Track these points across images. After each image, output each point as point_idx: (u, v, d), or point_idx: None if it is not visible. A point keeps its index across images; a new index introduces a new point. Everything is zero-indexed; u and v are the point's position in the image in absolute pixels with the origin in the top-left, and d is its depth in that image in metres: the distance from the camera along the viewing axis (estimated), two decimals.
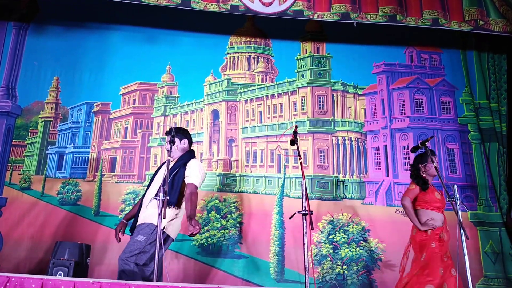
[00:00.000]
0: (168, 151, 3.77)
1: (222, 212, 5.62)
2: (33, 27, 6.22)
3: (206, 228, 5.51)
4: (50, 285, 2.80)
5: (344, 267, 5.42)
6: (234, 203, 5.69)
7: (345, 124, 6.14)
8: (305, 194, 3.60)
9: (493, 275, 5.47)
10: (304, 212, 3.55)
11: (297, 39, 6.47)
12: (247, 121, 6.17)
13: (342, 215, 5.69)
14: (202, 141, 6.03)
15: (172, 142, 3.70)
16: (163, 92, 6.21)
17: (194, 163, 3.85)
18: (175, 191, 3.69)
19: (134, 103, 6.16)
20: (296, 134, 3.92)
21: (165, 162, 3.73)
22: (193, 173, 3.76)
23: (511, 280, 5.39)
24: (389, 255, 5.50)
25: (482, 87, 6.28)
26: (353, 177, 5.94)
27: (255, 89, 6.29)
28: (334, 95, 6.25)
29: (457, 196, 3.84)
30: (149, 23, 6.26)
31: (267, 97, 6.24)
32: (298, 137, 3.94)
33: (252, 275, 5.31)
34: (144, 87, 6.20)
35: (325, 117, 6.15)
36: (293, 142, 3.89)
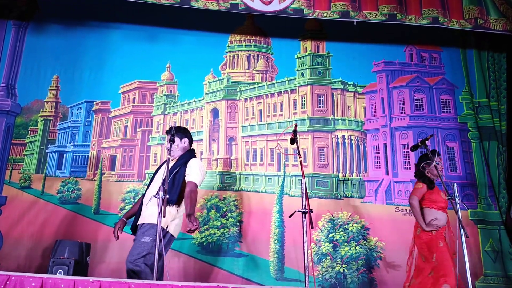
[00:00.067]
0: (168, 150, 3.78)
1: (222, 211, 5.62)
2: (32, 26, 6.21)
3: (206, 227, 5.51)
4: (50, 283, 2.80)
5: (344, 265, 5.42)
6: (234, 201, 5.69)
7: (345, 123, 6.14)
8: (305, 192, 3.60)
9: (493, 274, 5.47)
10: (304, 210, 3.56)
11: (297, 38, 6.47)
12: (247, 119, 6.17)
13: (341, 213, 5.69)
14: (202, 140, 6.03)
15: (172, 141, 3.70)
16: (163, 91, 6.21)
17: (194, 162, 3.88)
18: (175, 189, 3.71)
19: (134, 101, 6.15)
20: (296, 132, 3.93)
21: (165, 161, 3.73)
22: (194, 171, 3.79)
23: (511, 279, 5.40)
24: (389, 253, 5.50)
25: (481, 86, 6.28)
26: (353, 176, 5.94)
27: (255, 87, 6.28)
28: (334, 93, 6.25)
29: (457, 195, 3.83)
30: (149, 21, 6.25)
31: (267, 95, 6.24)
32: (298, 135, 3.95)
33: (252, 274, 5.31)
34: (144, 85, 6.20)
35: (325, 115, 6.15)
36: (293, 140, 3.90)
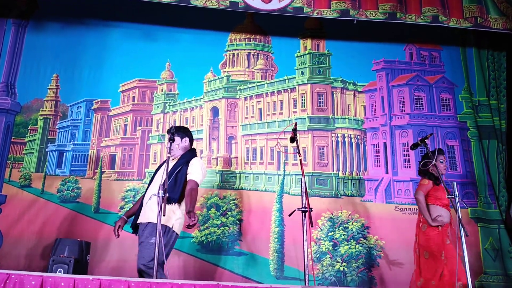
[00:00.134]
0: (168, 149, 3.83)
1: (221, 209, 5.62)
2: (32, 24, 6.21)
3: (206, 225, 5.51)
4: (50, 282, 2.80)
5: (344, 264, 5.43)
6: (233, 200, 5.69)
7: (344, 122, 6.14)
8: (304, 191, 3.61)
9: (493, 272, 5.48)
10: (303, 209, 3.56)
11: (296, 36, 6.46)
12: (246, 118, 6.17)
13: (341, 212, 5.70)
14: (202, 138, 6.03)
15: (171, 140, 3.73)
16: (162, 89, 6.20)
17: (196, 161, 3.94)
18: (178, 188, 3.76)
19: (133, 100, 6.15)
20: (296, 131, 3.93)
21: (166, 160, 3.76)
22: (195, 170, 3.85)
23: (510, 277, 5.40)
24: (389, 252, 5.50)
25: (481, 85, 6.28)
26: (352, 174, 5.94)
27: (254, 86, 6.28)
28: (334, 92, 6.25)
29: (457, 193, 3.84)
30: (148, 20, 6.25)
31: (266, 94, 6.24)
32: (297, 134, 3.96)
33: (252, 272, 5.32)
34: (144, 84, 6.20)
35: (325, 114, 6.15)
36: (293, 139, 3.90)
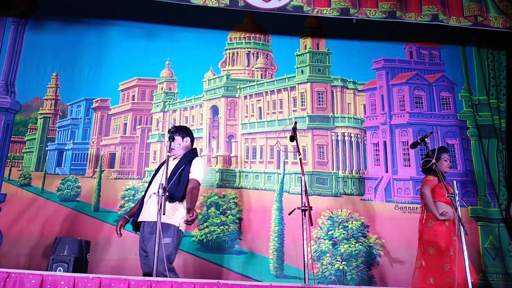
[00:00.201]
0: (170, 148, 3.91)
1: (221, 208, 5.62)
2: (32, 23, 6.20)
3: (205, 224, 5.51)
4: (50, 280, 2.80)
5: (344, 263, 5.43)
6: (233, 199, 5.69)
7: (344, 120, 6.13)
8: (304, 190, 3.60)
9: (493, 271, 5.48)
10: (303, 208, 3.56)
11: (296, 35, 6.45)
12: (246, 117, 6.16)
13: (341, 211, 5.69)
14: (202, 137, 6.02)
15: (171, 139, 3.77)
16: (162, 88, 6.20)
17: (199, 161, 4.02)
18: (181, 186, 3.83)
19: (133, 99, 6.15)
20: (296, 130, 3.93)
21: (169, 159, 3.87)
22: (198, 169, 3.93)
23: (510, 276, 5.40)
24: (388, 251, 5.50)
25: (481, 83, 6.28)
26: (352, 173, 5.94)
27: (254, 85, 6.28)
28: (334, 91, 6.24)
29: (457, 192, 3.84)
30: (148, 18, 6.24)
31: (266, 93, 6.23)
32: (297, 133, 3.96)
33: (251, 271, 5.32)
34: (143, 83, 6.19)
35: (325, 113, 6.14)
36: (293, 138, 3.90)
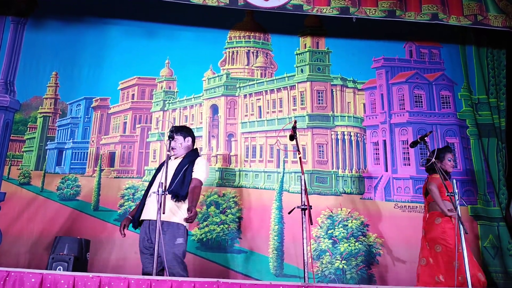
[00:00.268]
0: (172, 148, 3.98)
1: (221, 207, 5.62)
2: (31, 22, 6.19)
3: (205, 223, 5.52)
4: (50, 279, 2.81)
5: (343, 262, 5.43)
6: (233, 198, 5.69)
7: (344, 119, 6.13)
8: (304, 189, 3.60)
9: (492, 270, 5.47)
10: (303, 207, 3.56)
11: (296, 34, 6.45)
12: (246, 116, 6.16)
13: (341, 210, 5.69)
14: (201, 136, 6.02)
15: (171, 138, 3.80)
16: (162, 87, 6.20)
17: (202, 161, 4.07)
18: (186, 185, 3.86)
19: (133, 98, 6.14)
20: (295, 129, 3.93)
21: (169, 158, 3.91)
22: (200, 169, 3.96)
23: (510, 275, 5.40)
24: (388, 249, 5.50)
25: (481, 82, 6.27)
26: (352, 172, 5.94)
27: (254, 83, 6.27)
28: (334, 90, 6.24)
29: (456, 191, 3.84)
30: (148, 17, 6.24)
31: (266, 92, 6.23)
32: (297, 132, 3.95)
33: (251, 270, 5.32)
34: (143, 81, 6.19)
35: (324, 112, 6.14)
36: (292, 137, 3.90)
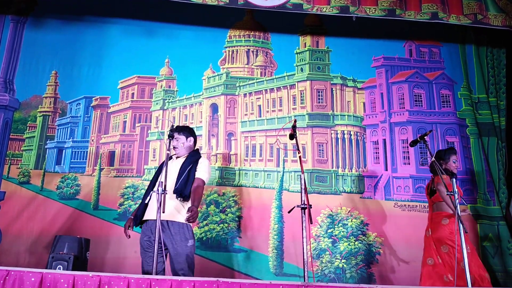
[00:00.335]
0: (174, 147, 4.03)
1: (221, 206, 5.62)
2: (31, 21, 6.19)
3: (205, 222, 5.52)
4: (50, 278, 2.81)
5: (343, 260, 5.43)
6: (233, 197, 5.69)
7: (344, 118, 6.13)
8: (304, 188, 3.60)
9: (492, 269, 5.47)
10: (303, 206, 3.55)
11: (296, 33, 6.45)
12: (246, 115, 6.16)
13: (341, 209, 5.70)
14: (201, 135, 6.02)
15: (170, 137, 3.81)
16: (161, 86, 6.19)
17: (205, 161, 4.10)
18: (189, 185, 3.88)
19: (132, 97, 6.14)
20: (295, 128, 3.92)
21: (170, 158, 4.03)
22: (203, 169, 3.99)
23: (510, 274, 5.40)
24: (387, 248, 5.51)
25: (481, 81, 6.27)
26: (352, 171, 5.94)
27: (254, 83, 6.27)
28: (333, 89, 6.24)
29: (456, 190, 3.84)
30: (147, 16, 6.23)
31: (266, 91, 6.23)
32: (297, 131, 3.94)
33: (251, 269, 5.32)
34: (143, 80, 6.18)
35: (324, 111, 6.14)
36: (292, 136, 3.89)
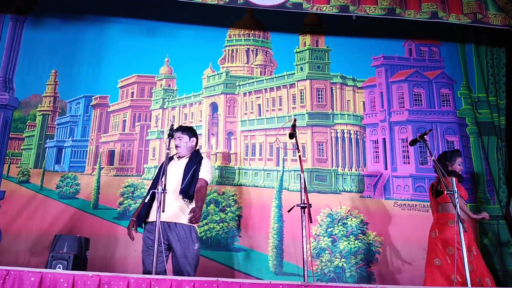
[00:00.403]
0: (177, 146, 4.09)
1: (221, 205, 5.62)
2: (30, 20, 6.18)
3: (205, 221, 5.51)
4: (49, 278, 2.81)
5: (343, 260, 5.43)
6: (233, 196, 5.69)
7: (344, 117, 6.13)
8: (303, 187, 3.60)
9: (492, 268, 5.48)
10: (302, 205, 3.55)
11: (296, 32, 6.44)
12: (246, 114, 6.16)
13: (340, 208, 5.70)
14: (201, 134, 6.01)
15: (170, 136, 3.80)
16: (161, 85, 6.19)
17: (207, 161, 4.17)
18: (194, 186, 3.93)
19: (132, 96, 6.14)
20: (295, 127, 3.92)
21: (172, 157, 4.09)
22: (207, 170, 4.05)
23: (509, 273, 5.41)
24: (387, 247, 5.51)
25: (480, 81, 6.27)
26: (351, 170, 5.94)
27: (254, 82, 6.27)
28: (333, 88, 6.24)
29: (455, 189, 3.84)
30: (147, 15, 6.23)
31: (266, 90, 6.22)
32: (296, 130, 3.94)
33: (251, 268, 5.32)
34: (142, 79, 6.18)
35: (324, 110, 6.14)
36: (292, 135, 3.89)
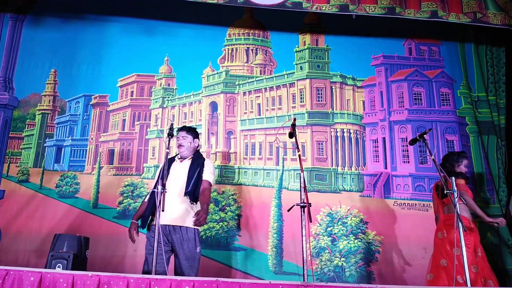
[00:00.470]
0: (180, 145, 4.09)
1: (220, 205, 5.62)
2: (30, 19, 6.17)
3: None
4: (49, 278, 2.80)
5: (342, 259, 5.44)
6: (232, 195, 5.68)
7: (343, 117, 6.13)
8: (303, 186, 3.60)
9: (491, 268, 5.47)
10: (302, 204, 3.55)
11: (295, 31, 6.44)
12: (245, 113, 6.15)
13: (340, 207, 5.70)
14: (201, 133, 6.01)
15: (170, 135, 3.80)
16: (161, 84, 6.18)
17: (210, 163, 4.18)
18: (199, 187, 3.95)
19: (132, 95, 6.13)
20: (295, 126, 3.92)
21: (172, 158, 4.11)
22: (210, 171, 4.08)
23: (509, 273, 5.41)
24: (387, 247, 5.51)
25: (480, 80, 6.27)
26: (351, 170, 5.94)
27: (253, 81, 6.26)
28: (333, 87, 6.23)
29: (455, 188, 3.84)
30: (147, 14, 6.22)
31: (265, 89, 6.22)
32: (296, 129, 3.94)
33: (250, 268, 5.33)
34: (142, 79, 6.18)
35: (324, 109, 6.14)
36: (292, 134, 3.89)
